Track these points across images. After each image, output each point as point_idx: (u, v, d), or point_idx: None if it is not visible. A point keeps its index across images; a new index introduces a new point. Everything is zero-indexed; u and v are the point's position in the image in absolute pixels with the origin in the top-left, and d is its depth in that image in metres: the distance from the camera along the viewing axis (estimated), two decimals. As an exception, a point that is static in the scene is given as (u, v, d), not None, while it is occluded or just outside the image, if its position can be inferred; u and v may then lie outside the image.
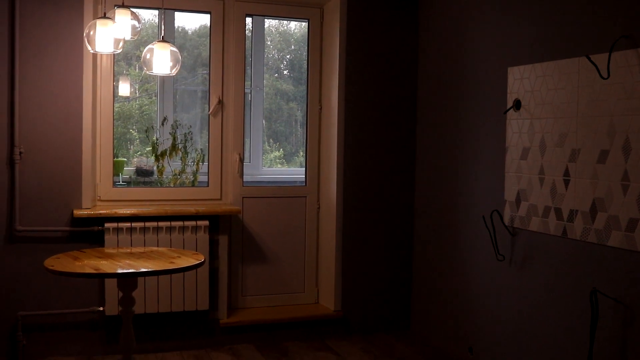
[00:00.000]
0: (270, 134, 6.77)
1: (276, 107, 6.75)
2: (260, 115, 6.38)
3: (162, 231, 4.63)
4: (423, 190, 5.13)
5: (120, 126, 6.05)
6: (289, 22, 6.59)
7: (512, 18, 4.17)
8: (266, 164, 6.69)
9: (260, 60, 6.34)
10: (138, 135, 6.06)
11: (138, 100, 6.20)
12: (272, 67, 6.83)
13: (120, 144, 6.05)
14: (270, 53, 6.83)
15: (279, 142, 6.81)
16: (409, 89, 5.20)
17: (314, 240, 5.28)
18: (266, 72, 6.66)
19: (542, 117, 3.86)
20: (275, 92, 6.76)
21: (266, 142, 6.75)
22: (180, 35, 6.32)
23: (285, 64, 7.00)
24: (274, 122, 6.81)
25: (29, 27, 4.35)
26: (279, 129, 6.83)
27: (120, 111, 6.07)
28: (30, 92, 4.37)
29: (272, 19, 6.38)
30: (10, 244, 4.39)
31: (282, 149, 6.78)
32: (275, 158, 6.77)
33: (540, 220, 3.86)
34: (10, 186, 4.37)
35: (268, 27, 6.64)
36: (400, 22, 5.15)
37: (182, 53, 6.05)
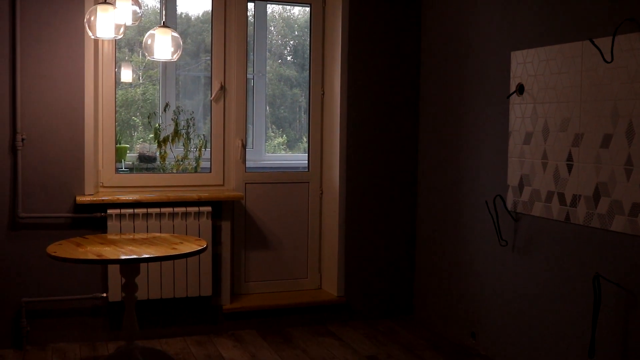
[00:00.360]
0: (274, 120, 6.75)
1: (280, 93, 6.72)
2: (263, 101, 6.36)
3: (165, 217, 4.62)
4: (426, 175, 5.12)
5: (124, 112, 6.04)
6: (292, 7, 6.55)
7: (514, 1, 4.13)
8: (270, 150, 6.67)
9: (262, 46, 6.31)
10: (141, 121, 6.04)
11: (141, 86, 6.18)
12: (276, 52, 6.80)
13: (124, 131, 6.04)
14: (273, 39, 6.80)
15: (283, 128, 6.79)
16: (412, 73, 5.18)
17: (316, 226, 5.28)
18: (269, 58, 6.63)
19: (545, 101, 3.84)
20: (279, 78, 6.73)
21: (270, 129, 6.73)
22: (183, 21, 6.29)
23: (288, 49, 6.97)
24: (277, 108, 6.79)
25: (29, 14, 4.33)
26: (282, 115, 6.81)
27: (123, 97, 6.04)
28: (32, 79, 4.36)
29: (275, 4, 6.35)
30: (13, 230, 4.39)
31: (285, 135, 6.76)
32: (279, 144, 6.75)
33: (543, 205, 3.85)
34: (13, 173, 4.36)
35: (271, 12, 6.60)
36: (403, 5, 5.12)
37: (185, 39, 6.03)
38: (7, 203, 4.37)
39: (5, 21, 4.28)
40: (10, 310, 4.40)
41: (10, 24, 4.29)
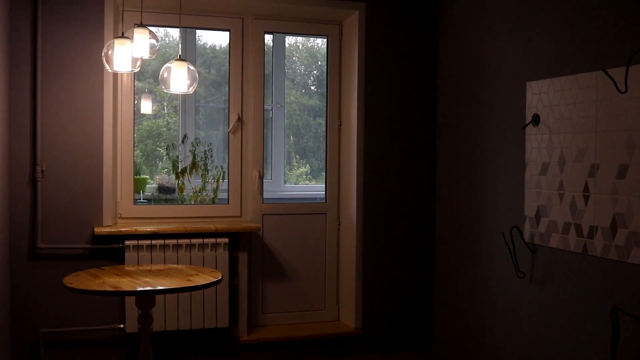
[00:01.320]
0: (298, 150, 6.77)
1: (303, 123, 6.76)
2: (281, 132, 6.39)
3: (182, 248, 4.64)
4: (444, 206, 5.10)
5: (149, 143, 6.10)
6: (315, 37, 6.61)
7: (529, 32, 4.14)
8: (292, 180, 6.69)
9: (281, 77, 6.37)
10: (165, 152, 6.10)
11: (166, 117, 6.25)
12: (300, 83, 6.84)
13: (149, 161, 6.10)
14: (297, 69, 6.85)
15: (306, 158, 6.81)
16: (429, 104, 5.18)
17: (334, 257, 5.26)
18: (293, 88, 6.68)
19: (561, 132, 3.82)
20: (302, 108, 6.77)
21: (293, 158, 6.75)
22: (207, 51, 6.36)
23: (312, 79, 7.02)
24: (301, 138, 6.81)
25: (50, 46, 4.42)
26: (306, 145, 6.83)
27: (149, 128, 6.12)
28: (52, 111, 4.44)
29: (294, 36, 6.41)
30: (32, 260, 4.44)
31: (308, 165, 6.78)
32: (301, 174, 6.77)
33: (560, 237, 3.81)
34: (33, 204, 4.42)
35: (295, 42, 6.66)
36: (419, 37, 5.15)
37: (210, 70, 6.10)
38: (26, 233, 4.42)
39: (26, 54, 4.37)
40: (28, 340, 4.43)
41: (31, 56, 4.38)
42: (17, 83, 4.36)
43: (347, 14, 5.07)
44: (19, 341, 4.41)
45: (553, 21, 3.94)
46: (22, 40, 4.37)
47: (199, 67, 6.24)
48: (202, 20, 4.99)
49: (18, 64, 4.36)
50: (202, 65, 6.31)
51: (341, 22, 5.21)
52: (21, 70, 4.37)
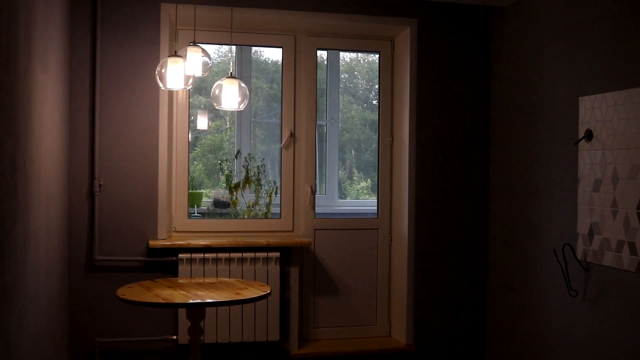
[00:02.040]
0: (360, 165, 6.78)
1: (365, 138, 6.78)
2: (335, 147, 6.43)
3: (234, 262, 4.71)
4: (496, 222, 5.04)
5: (211, 157, 6.22)
6: (367, 54, 6.64)
7: (582, 47, 4.07)
8: (353, 194, 6.71)
9: (335, 92, 6.41)
10: (219, 167, 6.21)
11: (228, 131, 6.37)
12: (361, 97, 6.88)
13: (212, 174, 6.21)
14: (359, 83, 6.89)
15: (367, 172, 6.81)
16: (481, 119, 5.14)
17: (386, 272, 5.26)
18: (354, 102, 6.72)
19: (614, 147, 3.74)
20: (364, 122, 6.79)
21: (354, 173, 6.78)
22: (270, 66, 6.46)
23: (373, 94, 7.04)
24: (362, 152, 6.83)
25: (108, 65, 4.57)
26: (367, 159, 6.84)
27: (211, 142, 6.25)
28: (109, 127, 4.58)
29: (345, 52, 6.45)
30: (90, 272, 4.57)
31: (369, 180, 6.79)
32: (362, 189, 6.78)
33: (614, 255, 3.72)
34: (90, 217, 4.56)
35: (356, 57, 6.70)
36: (472, 52, 5.12)
37: (272, 84, 6.20)
38: (84, 246, 4.56)
39: (85, 71, 4.53)
40: (84, 349, 4.56)
41: (90, 74, 4.54)
42: (77, 100, 4.52)
43: (399, 30, 5.08)
44: (75, 350, 4.55)
45: (605, 36, 3.87)
46: (82, 59, 4.53)
47: (260, 82, 6.34)
48: (255, 37, 5.08)
49: (78, 83, 4.52)
50: (263, 79, 6.41)
51: (393, 39, 5.23)
52: (81, 89, 4.53)
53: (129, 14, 4.59)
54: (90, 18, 4.54)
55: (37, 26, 3.39)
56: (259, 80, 6.43)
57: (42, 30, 3.53)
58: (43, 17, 3.54)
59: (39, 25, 3.42)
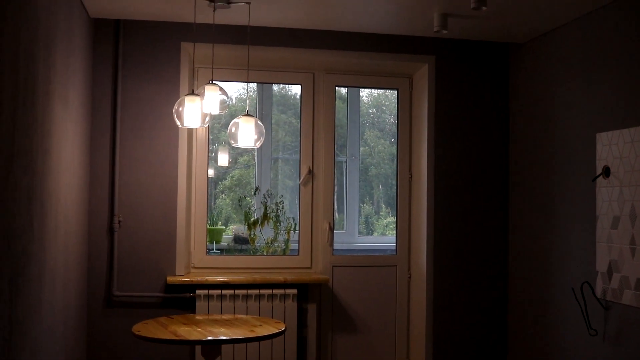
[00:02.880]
0: (387, 200, 6.76)
1: (392, 172, 6.78)
2: (356, 183, 6.43)
3: (252, 299, 4.71)
4: (515, 259, 4.98)
5: (240, 192, 6.26)
6: (385, 90, 6.67)
7: (598, 83, 4.06)
8: (379, 230, 6.68)
9: (355, 129, 6.44)
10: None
11: (255, 167, 6.40)
12: (389, 132, 6.89)
13: (239, 209, 6.24)
14: (386, 118, 6.90)
15: (394, 207, 6.79)
16: (500, 156, 5.12)
17: (404, 310, 5.21)
18: (382, 137, 6.72)
19: (632, 184, 3.70)
20: (391, 157, 6.79)
21: (382, 208, 6.76)
22: (297, 100, 6.50)
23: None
24: (390, 187, 6.81)
25: (129, 103, 4.65)
26: (395, 194, 6.82)
27: (241, 177, 6.29)
28: (130, 163, 4.64)
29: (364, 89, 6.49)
30: (108, 308, 4.60)
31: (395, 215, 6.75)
32: (388, 224, 6.76)
33: (633, 294, 3.66)
34: (110, 253, 4.61)
35: (383, 92, 6.73)
36: (490, 88, 5.12)
37: (297, 119, 6.24)
38: (103, 281, 4.60)
39: (107, 109, 4.62)
40: (102, 386, 4.57)
41: (111, 111, 4.63)
42: (98, 137, 4.60)
43: (417, 67, 5.11)
44: (93, 386, 4.56)
45: (621, 72, 3.86)
46: (103, 96, 4.62)
47: (288, 116, 6.38)
48: (274, 75, 5.14)
49: (99, 120, 4.61)
50: (291, 114, 6.44)
51: (411, 75, 5.26)
52: (102, 125, 4.61)
53: (149, 52, 4.68)
54: (112, 56, 4.63)
55: (58, 65, 3.47)
56: (286, 115, 6.47)
57: (63, 68, 3.61)
58: (64, 56, 3.63)
59: (59, 64, 3.51)
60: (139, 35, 4.68)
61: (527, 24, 4.52)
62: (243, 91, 6.31)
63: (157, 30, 4.70)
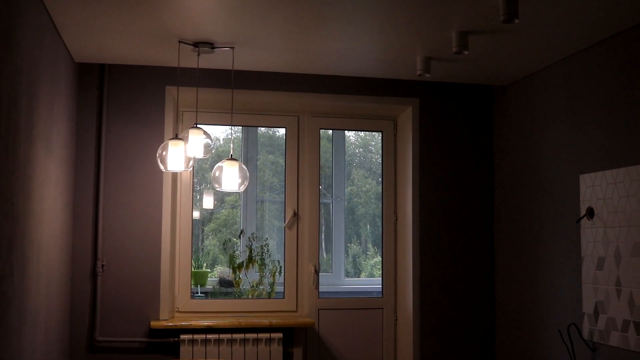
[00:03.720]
0: (374, 239, 6.74)
1: (379, 212, 6.78)
2: (341, 225, 6.43)
3: (237, 343, 4.66)
4: (502, 301, 4.96)
5: (227, 232, 6.23)
6: (370, 133, 6.71)
7: (581, 125, 4.10)
8: (367, 269, 6.65)
9: (341, 170, 6.45)
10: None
11: (238, 208, 6.38)
12: (376, 171, 6.91)
13: (225, 251, 6.19)
14: (373, 157, 6.92)
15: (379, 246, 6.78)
16: (484, 196, 5.14)
17: (391, 352, 5.16)
18: (369, 177, 6.73)
19: (616, 225, 3.72)
20: (378, 197, 6.80)
21: (370, 248, 6.74)
22: (281, 139, 6.50)
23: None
24: (378, 227, 6.81)
25: (114, 145, 4.64)
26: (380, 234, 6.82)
27: (227, 218, 6.26)
28: (113, 207, 4.61)
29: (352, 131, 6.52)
30: (91, 353, 4.53)
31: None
32: (376, 263, 6.73)
33: (620, 335, 3.65)
34: (92, 297, 4.55)
35: (371, 133, 6.76)
36: (474, 130, 5.16)
37: (281, 157, 6.24)
38: (85, 326, 4.53)
39: (91, 152, 4.60)
40: None
41: (95, 155, 4.60)
42: (81, 180, 4.58)
43: (401, 110, 5.15)
44: None
45: (604, 114, 3.90)
46: (87, 140, 4.61)
47: (274, 157, 6.38)
48: (259, 118, 5.16)
49: (83, 164, 4.59)
50: (279, 154, 6.44)
51: (395, 118, 5.29)
52: (85, 169, 4.59)
53: (134, 96, 4.69)
54: (96, 100, 4.64)
55: (42, 109, 3.47)
56: (274, 155, 6.47)
57: (47, 112, 3.61)
58: (48, 100, 3.63)
59: (43, 108, 3.50)
60: (124, 79, 4.69)
61: (510, 67, 4.57)
62: (227, 133, 6.32)
63: (141, 74, 4.71)
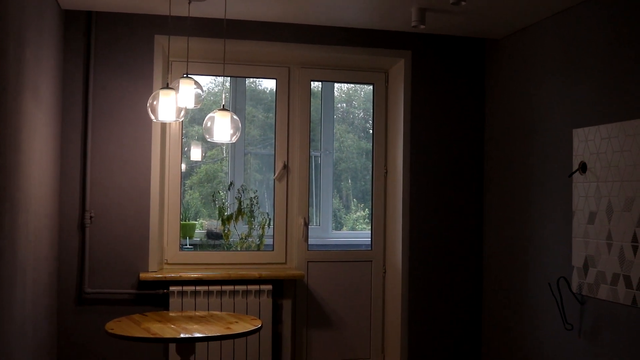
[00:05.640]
0: (356, 193, 6.74)
1: (361, 166, 6.76)
2: (330, 178, 6.40)
3: (226, 295, 4.66)
4: (491, 255, 4.99)
5: (209, 187, 6.18)
6: (361, 85, 6.64)
7: (576, 80, 4.07)
8: (349, 224, 6.66)
9: (330, 123, 6.40)
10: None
11: (224, 161, 6.33)
12: (358, 126, 6.87)
13: (208, 204, 6.16)
14: (356, 112, 6.88)
15: (364, 202, 6.77)
16: (475, 151, 5.12)
17: (379, 305, 5.19)
18: (351, 132, 6.70)
19: (609, 180, 3.72)
20: (360, 152, 6.78)
21: (351, 202, 6.73)
22: (267, 95, 6.43)
23: (370, 123, 7.02)
24: (359, 181, 6.80)
25: (101, 96, 4.56)
26: (364, 188, 6.80)
27: (207, 171, 6.20)
28: (101, 158, 4.55)
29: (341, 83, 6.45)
30: (80, 305, 4.51)
31: (367, 209, 6.74)
32: (359, 218, 6.74)
33: (609, 288, 3.68)
34: (81, 249, 4.51)
35: (354, 87, 6.70)
36: (466, 83, 5.12)
37: (269, 114, 6.17)
38: (74, 278, 4.50)
39: (78, 102, 4.51)
40: (73, 385, 4.48)
41: (82, 105, 4.52)
42: (69, 131, 4.50)
43: (393, 62, 5.09)
44: (64, 385, 4.47)
45: (598, 69, 3.87)
46: (74, 90, 4.52)
47: (257, 111, 6.32)
48: (249, 69, 5.08)
49: (70, 114, 4.50)
50: (260, 108, 6.38)
51: (387, 70, 5.23)
52: (73, 120, 4.51)
53: (122, 45, 4.59)
54: (83, 49, 4.53)
55: (28, 58, 3.38)
56: (256, 109, 6.41)
57: (34, 61, 3.52)
58: (34, 49, 3.53)
59: (30, 56, 3.41)
60: (112, 28, 4.58)
61: (504, 20, 4.51)
62: (211, 85, 6.23)
63: (130, 22, 4.60)
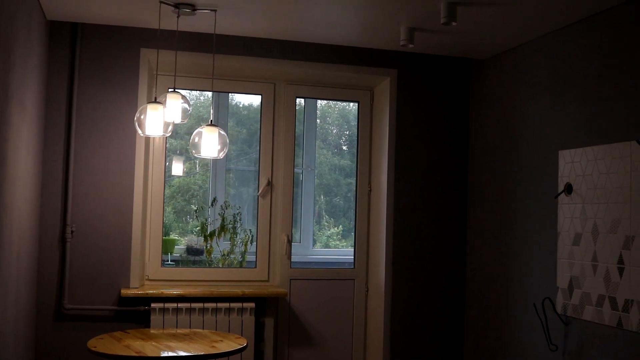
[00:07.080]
0: (329, 210, 6.73)
1: (334, 183, 6.76)
2: (311, 195, 6.38)
3: (208, 312, 4.60)
4: (475, 275, 5.00)
5: (181, 199, 6.13)
6: (347, 102, 6.66)
7: (562, 101, 4.11)
8: (323, 240, 6.64)
9: (312, 140, 6.39)
10: (195, 214, 6.11)
11: (197, 175, 6.29)
12: (332, 143, 6.88)
13: (179, 218, 6.10)
14: (329, 129, 6.89)
15: (336, 218, 6.77)
16: (460, 171, 5.14)
17: (362, 324, 5.17)
18: (324, 148, 6.71)
19: (594, 202, 3.75)
20: (333, 168, 6.78)
21: (324, 218, 6.72)
22: (241, 110, 6.41)
23: (344, 139, 7.06)
24: (332, 197, 6.79)
25: (85, 109, 4.50)
26: (337, 204, 6.81)
27: (179, 185, 6.15)
28: (84, 172, 4.48)
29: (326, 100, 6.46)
30: (59, 321, 4.43)
31: (341, 226, 6.74)
32: (332, 234, 6.72)
33: (594, 310, 3.70)
34: (61, 264, 4.43)
35: (327, 104, 6.72)
36: (451, 103, 5.14)
37: (242, 129, 6.16)
38: (53, 293, 4.42)
39: (62, 115, 4.46)
40: (50, 403, 4.39)
41: (66, 118, 4.46)
42: (52, 144, 4.43)
43: (379, 80, 5.10)
44: (41, 403, 4.37)
45: (585, 91, 3.91)
46: (59, 102, 4.46)
47: (232, 127, 6.29)
48: (235, 84, 5.06)
49: (54, 126, 4.44)
50: (235, 124, 6.36)
51: (372, 88, 5.24)
52: (56, 133, 4.45)
53: (107, 58, 4.55)
54: (68, 60, 4.48)
55: (16, 68, 3.33)
56: (231, 125, 6.40)
57: (20, 71, 3.46)
58: (22, 58, 3.48)
59: (17, 66, 3.36)
60: (97, 40, 4.54)
61: (491, 40, 4.55)
62: (192, 99, 6.20)
63: (115, 35, 4.56)
